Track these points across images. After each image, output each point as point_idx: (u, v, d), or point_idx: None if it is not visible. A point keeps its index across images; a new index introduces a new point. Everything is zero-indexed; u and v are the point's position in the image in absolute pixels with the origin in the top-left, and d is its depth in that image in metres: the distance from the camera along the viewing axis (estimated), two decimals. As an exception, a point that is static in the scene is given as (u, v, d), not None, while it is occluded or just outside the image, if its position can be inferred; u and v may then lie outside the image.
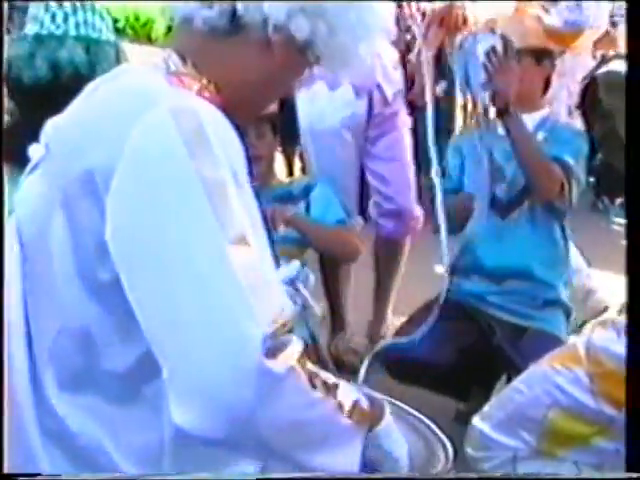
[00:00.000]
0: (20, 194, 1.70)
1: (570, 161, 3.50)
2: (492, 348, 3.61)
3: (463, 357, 3.57)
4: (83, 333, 1.55)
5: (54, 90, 2.20)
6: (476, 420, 2.63)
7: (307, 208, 3.60)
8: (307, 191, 3.64)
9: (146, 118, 1.48)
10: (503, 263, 3.61)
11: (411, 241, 4.58)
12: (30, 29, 2.39)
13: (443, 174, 3.60)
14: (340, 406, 1.52)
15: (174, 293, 1.43)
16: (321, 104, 4.32)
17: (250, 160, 1.57)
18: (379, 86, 4.36)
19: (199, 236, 1.44)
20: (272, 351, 1.41)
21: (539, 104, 3.70)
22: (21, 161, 2.18)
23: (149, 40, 5.08)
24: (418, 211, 4.48)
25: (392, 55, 4.40)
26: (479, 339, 3.65)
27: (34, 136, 1.83)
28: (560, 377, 2.49)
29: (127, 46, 2.50)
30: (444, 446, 1.75)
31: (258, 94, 1.69)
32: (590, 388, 2.43)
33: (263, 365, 1.39)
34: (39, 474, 1.57)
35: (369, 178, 4.53)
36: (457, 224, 3.67)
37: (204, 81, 1.59)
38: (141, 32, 5.06)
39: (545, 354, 2.63)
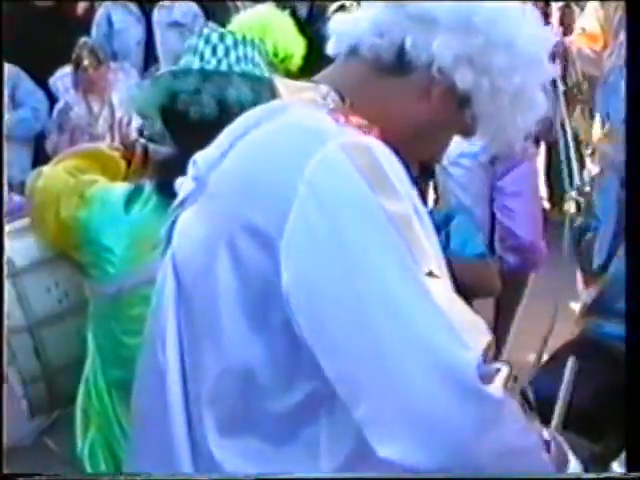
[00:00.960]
0: (178, 231, 1.69)
1: None
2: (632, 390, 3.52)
3: (599, 398, 3.50)
4: (246, 375, 1.52)
5: (219, 127, 2.21)
6: (616, 466, 2.58)
7: (446, 238, 3.52)
8: (447, 221, 3.57)
9: (318, 156, 1.45)
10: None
11: (535, 273, 4.54)
12: (191, 61, 2.40)
13: (579, 209, 3.54)
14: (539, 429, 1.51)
15: (375, 328, 1.39)
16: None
17: None
18: None
19: (395, 269, 1.40)
20: (487, 377, 1.37)
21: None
22: (175, 193, 2.21)
23: (287, 75, 5.13)
24: (543, 246, 4.44)
25: None
26: (618, 380, 3.56)
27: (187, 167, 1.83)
28: None
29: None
30: None
31: (411, 142, 1.64)
32: None
33: (483, 390, 1.36)
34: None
35: (496, 212, 4.51)
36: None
37: (365, 121, 1.56)
38: (280, 67, 5.14)
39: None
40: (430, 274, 1.41)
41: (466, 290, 4.08)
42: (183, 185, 1.71)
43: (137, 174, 2.69)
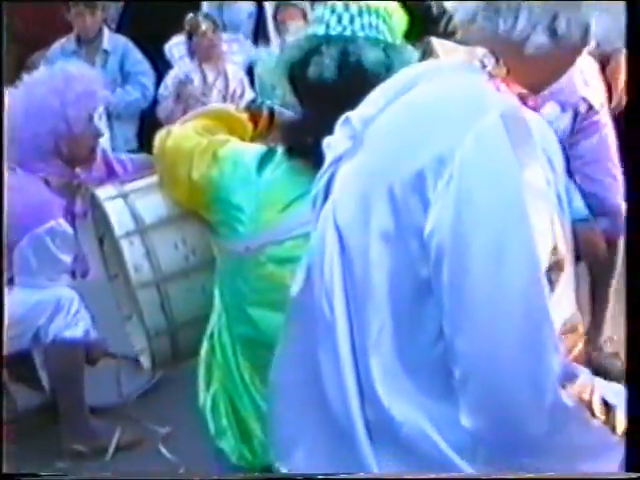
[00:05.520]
0: (338, 187, 1.73)
1: None
2: None
3: None
4: (400, 327, 1.60)
5: (340, 88, 2.25)
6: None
7: None
8: None
9: (478, 126, 1.51)
10: None
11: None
12: (317, 29, 2.42)
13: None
14: (613, 428, 1.54)
15: (485, 298, 1.48)
16: None
17: None
18: (584, 99, 4.34)
19: (514, 243, 1.47)
20: (567, 380, 1.47)
21: None
22: (307, 153, 2.25)
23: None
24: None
25: (594, 67, 4.38)
26: None
27: (318, 130, 1.89)
28: None
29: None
30: None
31: None
32: None
33: (560, 400, 1.46)
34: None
35: (577, 180, 4.51)
36: None
37: (524, 90, 1.60)
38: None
39: None
40: (553, 261, 1.47)
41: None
42: (335, 143, 1.76)
43: (263, 136, 2.73)
